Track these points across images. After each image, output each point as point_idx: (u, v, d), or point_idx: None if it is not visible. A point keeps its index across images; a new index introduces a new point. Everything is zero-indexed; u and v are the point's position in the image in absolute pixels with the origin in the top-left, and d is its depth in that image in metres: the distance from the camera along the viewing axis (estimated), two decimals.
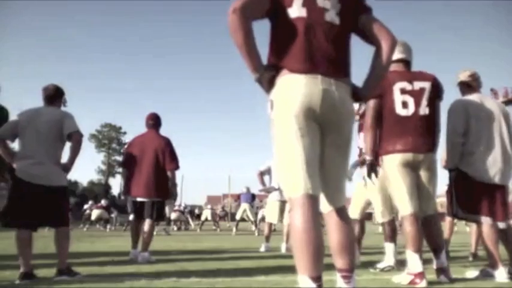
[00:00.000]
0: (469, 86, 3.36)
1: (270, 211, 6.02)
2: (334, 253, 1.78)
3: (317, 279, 1.55)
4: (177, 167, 4.66)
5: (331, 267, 1.81)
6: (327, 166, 1.77)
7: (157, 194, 4.55)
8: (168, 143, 4.68)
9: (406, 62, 3.15)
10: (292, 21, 1.75)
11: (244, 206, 11.93)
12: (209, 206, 16.40)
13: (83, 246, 6.47)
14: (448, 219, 4.95)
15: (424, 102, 2.97)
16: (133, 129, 76.67)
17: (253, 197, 12.29)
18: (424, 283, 2.76)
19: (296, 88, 1.67)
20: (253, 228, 11.86)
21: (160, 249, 5.81)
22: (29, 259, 3.04)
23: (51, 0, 67.57)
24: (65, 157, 3.33)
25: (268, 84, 1.77)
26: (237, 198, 13.82)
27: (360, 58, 2.28)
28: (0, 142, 3.21)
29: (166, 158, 4.59)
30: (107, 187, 46.58)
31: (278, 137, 1.72)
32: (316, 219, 1.61)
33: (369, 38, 1.88)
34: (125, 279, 3.09)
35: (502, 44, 74.95)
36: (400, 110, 2.96)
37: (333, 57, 1.75)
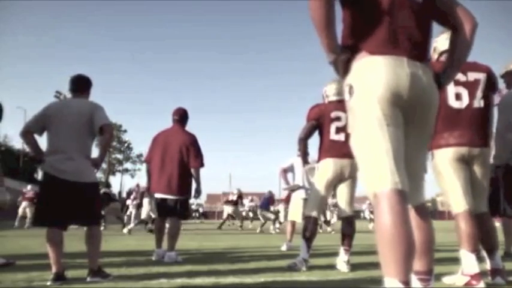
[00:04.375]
0: None
1: (293, 209, 5.87)
2: None
3: (407, 283, 1.38)
4: (201, 165, 4.48)
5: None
6: (407, 158, 1.58)
7: (181, 191, 4.38)
8: (193, 140, 4.49)
9: None
10: None
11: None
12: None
13: None
14: None
15: (479, 94, 2.81)
16: (134, 127, 76.47)
17: (270, 200, 12.50)
18: (482, 284, 2.61)
19: (380, 71, 1.49)
20: (271, 227, 11.85)
21: (177, 248, 5.63)
22: (60, 259, 2.87)
23: (51, 0, 67.18)
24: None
25: (343, 67, 1.61)
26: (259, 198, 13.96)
27: None
28: (28, 136, 3.04)
29: (190, 154, 4.41)
30: (107, 185, 46.29)
31: (359, 126, 1.54)
32: (406, 217, 1.43)
33: (448, 19, 1.74)
34: (160, 280, 2.93)
35: (502, 43, 74.96)
36: (453, 102, 2.81)
37: (418, 39, 1.58)
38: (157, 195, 4.44)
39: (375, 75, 1.50)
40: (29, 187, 14.63)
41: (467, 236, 2.71)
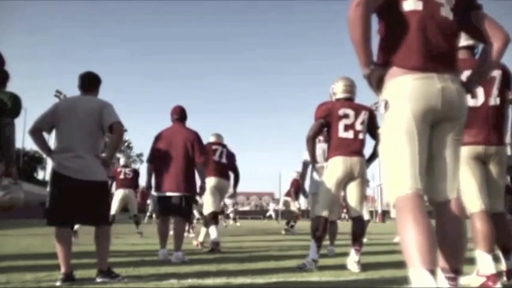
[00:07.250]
0: None
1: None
2: (443, 250, 1.65)
3: (433, 272, 1.43)
4: (206, 161, 4.45)
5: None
6: (442, 153, 1.72)
7: (186, 188, 4.33)
8: (197, 136, 4.48)
9: (472, 49, 2.94)
10: (406, 15, 1.69)
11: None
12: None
13: None
14: None
15: (495, 92, 2.78)
16: (134, 126, 76.43)
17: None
18: (498, 285, 2.57)
19: (414, 90, 1.63)
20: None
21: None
22: (69, 259, 2.82)
23: (51, 0, 67.08)
24: None
25: (377, 81, 1.73)
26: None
27: None
28: (36, 134, 2.99)
29: (195, 151, 4.39)
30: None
31: (391, 136, 1.68)
32: (426, 216, 1.54)
33: (478, 34, 1.86)
34: (170, 280, 2.89)
35: None
36: (468, 100, 2.76)
37: (448, 52, 1.72)
38: (162, 194, 4.37)
39: (409, 94, 1.63)
40: None
41: (483, 236, 2.67)
